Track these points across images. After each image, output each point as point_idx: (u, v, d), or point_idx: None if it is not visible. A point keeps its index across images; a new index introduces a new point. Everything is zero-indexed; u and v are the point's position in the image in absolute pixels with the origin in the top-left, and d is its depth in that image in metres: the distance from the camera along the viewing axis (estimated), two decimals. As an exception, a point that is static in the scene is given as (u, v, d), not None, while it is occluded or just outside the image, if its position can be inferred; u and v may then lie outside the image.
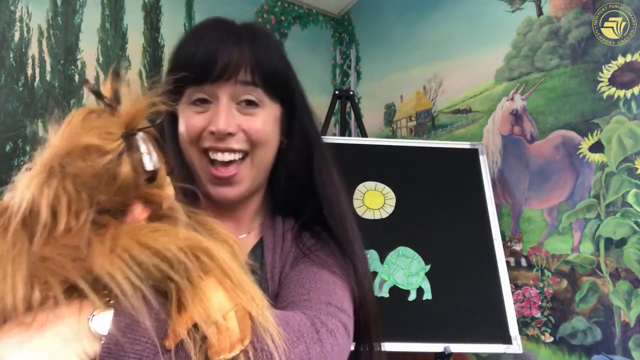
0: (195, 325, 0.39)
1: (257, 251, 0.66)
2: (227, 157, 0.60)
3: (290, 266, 0.63)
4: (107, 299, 0.39)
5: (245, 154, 0.61)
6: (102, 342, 0.38)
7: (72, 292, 0.39)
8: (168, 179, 0.48)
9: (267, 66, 0.61)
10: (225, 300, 0.42)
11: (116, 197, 0.43)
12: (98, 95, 0.45)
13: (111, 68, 0.47)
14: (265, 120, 0.62)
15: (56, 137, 0.43)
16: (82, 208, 0.41)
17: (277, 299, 0.60)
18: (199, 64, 0.59)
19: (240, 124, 0.60)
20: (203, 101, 0.61)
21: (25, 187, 0.41)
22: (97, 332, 0.38)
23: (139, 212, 0.45)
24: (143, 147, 0.44)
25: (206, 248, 0.43)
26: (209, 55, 0.59)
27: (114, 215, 0.43)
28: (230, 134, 0.59)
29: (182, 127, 0.62)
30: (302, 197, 0.67)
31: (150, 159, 0.45)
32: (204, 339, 0.39)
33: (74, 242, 0.40)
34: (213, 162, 0.61)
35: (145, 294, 0.39)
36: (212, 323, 0.40)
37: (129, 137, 0.44)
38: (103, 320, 0.38)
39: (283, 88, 0.64)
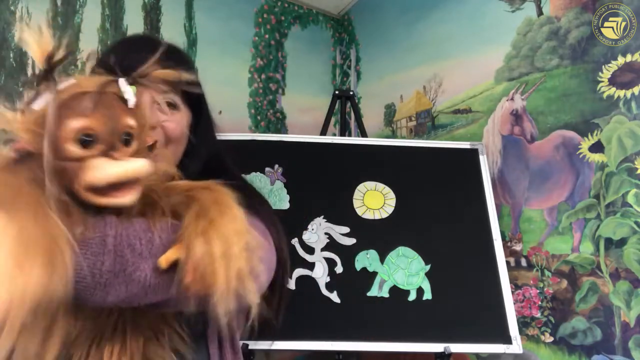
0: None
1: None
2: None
3: None
4: None
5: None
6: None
7: None
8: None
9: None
10: (234, 235, 0.47)
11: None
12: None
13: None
14: (179, 121, 0.71)
15: None
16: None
17: None
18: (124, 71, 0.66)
19: (160, 118, 0.69)
20: None
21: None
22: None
23: (14, 143, 0.47)
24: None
25: (215, 189, 0.50)
26: (132, 64, 0.63)
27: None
28: (154, 127, 0.67)
29: None
30: None
31: (39, 97, 0.45)
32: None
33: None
34: None
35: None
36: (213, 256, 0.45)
37: (44, 73, 0.45)
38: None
39: (194, 98, 0.73)
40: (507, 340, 1.18)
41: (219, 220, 0.47)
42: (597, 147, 1.30)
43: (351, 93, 1.84)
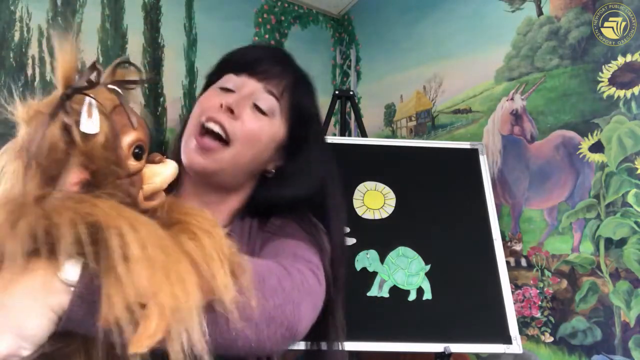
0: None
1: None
2: (217, 128, 0.63)
3: (259, 249, 0.65)
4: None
5: (227, 143, 0.63)
6: (74, 288, 0.37)
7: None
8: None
9: (297, 94, 0.69)
10: (147, 287, 0.37)
11: (48, 160, 0.41)
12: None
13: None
14: (265, 127, 0.66)
15: (21, 113, 0.44)
16: (34, 177, 0.40)
17: None
18: (249, 58, 0.68)
19: (243, 114, 0.64)
20: (228, 90, 0.66)
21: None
22: (67, 280, 0.37)
23: (71, 177, 0.42)
24: (84, 109, 0.42)
25: (117, 226, 0.38)
26: (257, 56, 0.68)
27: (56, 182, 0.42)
28: (232, 112, 0.63)
29: (199, 103, 0.68)
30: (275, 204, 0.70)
31: (92, 119, 0.42)
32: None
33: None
34: (203, 134, 0.64)
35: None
36: (130, 311, 0.36)
37: (62, 98, 0.42)
38: (72, 269, 0.37)
39: (300, 123, 0.69)
40: (507, 340, 1.18)
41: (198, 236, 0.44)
42: (597, 147, 1.30)
43: (351, 93, 1.84)
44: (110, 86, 0.46)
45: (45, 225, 0.37)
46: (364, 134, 1.80)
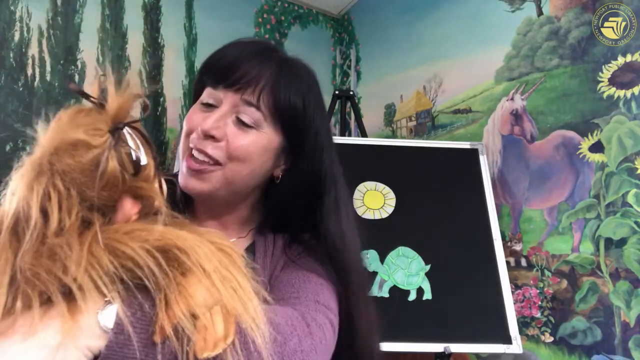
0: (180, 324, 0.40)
1: (249, 255, 0.67)
2: (200, 157, 0.61)
3: (280, 270, 0.65)
4: (106, 299, 0.40)
5: (217, 163, 0.61)
6: (109, 332, 0.40)
7: (63, 296, 0.40)
8: (155, 174, 0.49)
9: (280, 95, 0.62)
10: (208, 296, 0.41)
11: (104, 192, 0.43)
12: (83, 94, 0.45)
13: (105, 69, 0.49)
14: (253, 142, 0.62)
15: (44, 136, 0.44)
16: (72, 205, 0.41)
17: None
18: (220, 68, 0.62)
19: (228, 134, 0.61)
20: (210, 105, 0.63)
21: (14, 189, 0.42)
22: (105, 326, 0.40)
23: (128, 207, 0.45)
24: (130, 142, 0.45)
25: (181, 247, 0.42)
26: (231, 63, 0.62)
27: (105, 212, 0.44)
28: (213, 137, 0.60)
29: (185, 120, 0.65)
30: (300, 222, 0.68)
31: (140, 152, 0.45)
32: (190, 337, 0.40)
33: (54, 249, 0.40)
34: (192, 157, 0.63)
35: (120, 295, 0.40)
36: (194, 320, 0.40)
37: (115, 131, 0.44)
38: (108, 315, 0.40)
39: (291, 123, 0.63)
40: (507, 340, 1.18)
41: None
42: (597, 147, 1.30)
43: (351, 93, 1.84)
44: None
45: (118, 260, 0.40)
46: (364, 134, 1.80)
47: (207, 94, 0.63)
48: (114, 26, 1.81)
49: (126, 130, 0.45)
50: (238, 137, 0.61)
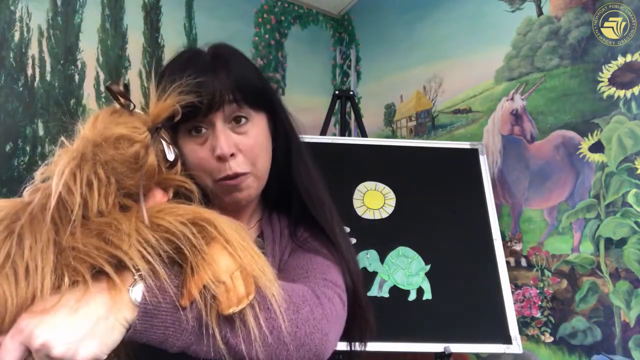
0: (206, 287, 0.46)
1: (258, 243, 0.72)
2: (234, 177, 0.65)
3: (288, 256, 0.70)
4: (138, 273, 0.46)
5: (246, 172, 0.66)
6: (139, 305, 0.45)
7: (100, 275, 0.45)
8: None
9: (245, 84, 0.66)
10: (231, 262, 0.48)
11: (141, 182, 0.49)
12: (123, 96, 0.52)
13: (121, 78, 0.52)
14: (257, 133, 0.67)
15: (86, 129, 0.50)
16: (111, 192, 0.47)
17: None
18: (187, 105, 0.61)
19: (237, 144, 0.65)
20: (198, 129, 0.65)
21: (58, 174, 0.46)
22: (135, 300, 0.45)
23: (160, 196, 0.53)
24: (163, 141, 0.53)
25: (207, 218, 0.49)
26: (197, 94, 0.61)
27: (136, 200, 0.49)
28: (233, 155, 0.64)
29: (190, 159, 0.66)
30: (289, 192, 0.74)
31: (170, 150, 0.53)
32: (214, 297, 0.46)
33: (101, 227, 0.46)
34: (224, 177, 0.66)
35: (158, 266, 0.46)
36: (220, 283, 0.46)
37: (154, 130, 0.52)
38: (138, 290, 0.46)
39: (263, 98, 0.70)
40: (507, 340, 1.18)
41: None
42: (597, 147, 1.30)
43: (351, 93, 1.84)
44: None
45: (158, 234, 0.47)
46: (364, 134, 1.80)
47: (188, 125, 0.64)
48: (114, 26, 1.81)
49: (162, 131, 0.53)
50: (245, 140, 0.66)
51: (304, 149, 0.76)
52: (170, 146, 0.54)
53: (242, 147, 0.65)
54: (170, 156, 0.53)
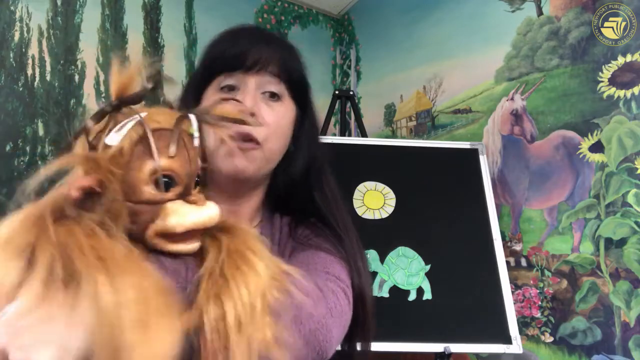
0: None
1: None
2: (245, 138, 0.63)
3: (289, 255, 0.67)
4: None
5: (257, 143, 0.64)
6: None
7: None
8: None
9: (291, 67, 0.68)
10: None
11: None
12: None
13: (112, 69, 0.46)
14: (283, 115, 0.66)
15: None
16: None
17: None
18: (234, 55, 0.65)
19: (260, 112, 0.64)
20: (231, 88, 0.65)
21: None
22: None
23: (75, 176, 0.41)
24: (126, 124, 0.42)
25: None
26: (243, 50, 0.65)
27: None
28: (253, 114, 0.63)
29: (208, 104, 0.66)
30: (301, 198, 0.71)
31: (113, 133, 0.41)
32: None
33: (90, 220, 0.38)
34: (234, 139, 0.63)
35: None
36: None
37: (108, 109, 0.42)
38: None
39: (302, 91, 0.70)
40: (507, 340, 1.18)
41: (237, 277, 0.40)
42: (597, 147, 1.30)
43: (351, 93, 1.84)
44: (190, 114, 0.45)
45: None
46: (364, 134, 1.80)
47: (224, 79, 0.65)
48: (114, 26, 1.81)
49: (138, 117, 0.42)
50: (271, 114, 0.65)
51: (326, 159, 0.74)
52: (122, 130, 0.41)
53: (265, 115, 0.64)
54: (109, 139, 0.41)
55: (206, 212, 0.44)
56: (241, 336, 0.38)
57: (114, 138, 0.40)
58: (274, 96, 0.66)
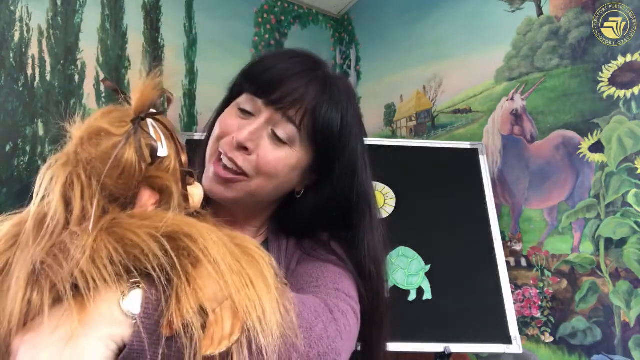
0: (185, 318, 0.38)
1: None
2: (229, 165, 0.62)
3: (295, 264, 0.66)
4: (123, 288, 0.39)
5: (245, 174, 0.62)
6: (136, 319, 0.38)
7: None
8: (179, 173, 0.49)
9: (320, 117, 0.62)
10: (218, 290, 0.39)
11: (120, 180, 0.42)
12: (116, 91, 0.46)
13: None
14: (284, 159, 0.62)
15: (75, 129, 0.44)
16: (93, 194, 0.41)
17: None
18: (265, 81, 0.62)
19: (260, 148, 0.61)
20: (247, 113, 0.63)
21: (40, 179, 0.41)
22: (129, 312, 0.38)
23: (146, 198, 0.44)
24: (152, 133, 0.44)
25: (188, 233, 0.40)
26: (278, 79, 0.61)
27: (124, 203, 0.43)
28: (246, 149, 0.61)
29: (219, 122, 0.66)
30: (333, 227, 0.69)
31: (155, 143, 0.44)
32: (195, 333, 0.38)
33: (71, 235, 0.39)
34: (221, 163, 0.63)
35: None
36: (203, 315, 0.38)
37: (136, 120, 0.43)
38: (135, 299, 0.38)
39: (324, 145, 0.63)
40: (507, 340, 1.18)
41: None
42: (597, 147, 1.30)
43: (351, 93, 1.83)
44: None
45: (124, 248, 0.39)
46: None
47: (246, 100, 0.63)
48: (114, 26, 1.81)
49: (150, 122, 0.44)
50: (270, 153, 0.61)
51: (372, 202, 0.70)
52: (162, 140, 0.45)
53: (262, 154, 0.61)
54: (162, 152, 0.44)
55: (201, 188, 0.52)
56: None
57: (162, 150, 0.44)
58: (278, 140, 0.62)
